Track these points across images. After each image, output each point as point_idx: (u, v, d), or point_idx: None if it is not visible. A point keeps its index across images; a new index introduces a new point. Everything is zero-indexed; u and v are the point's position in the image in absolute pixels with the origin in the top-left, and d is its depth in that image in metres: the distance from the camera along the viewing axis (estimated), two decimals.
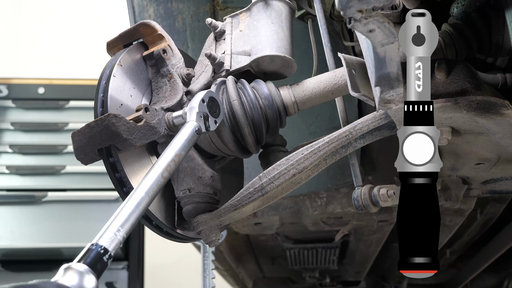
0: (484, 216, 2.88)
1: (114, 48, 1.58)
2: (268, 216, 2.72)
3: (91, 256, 1.06)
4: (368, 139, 1.45)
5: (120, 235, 1.11)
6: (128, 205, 1.18)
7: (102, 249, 1.07)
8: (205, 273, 3.13)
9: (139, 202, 1.19)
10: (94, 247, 1.07)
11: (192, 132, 1.37)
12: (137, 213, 1.18)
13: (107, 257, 1.07)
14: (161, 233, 1.54)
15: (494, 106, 1.26)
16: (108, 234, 1.10)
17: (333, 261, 3.65)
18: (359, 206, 1.51)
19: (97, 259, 1.05)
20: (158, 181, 1.26)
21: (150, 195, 1.22)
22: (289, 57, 1.56)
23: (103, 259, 1.06)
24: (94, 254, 1.06)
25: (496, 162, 1.60)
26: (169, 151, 1.32)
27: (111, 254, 1.08)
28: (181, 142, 1.35)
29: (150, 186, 1.23)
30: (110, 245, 1.08)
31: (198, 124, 1.39)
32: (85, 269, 1.03)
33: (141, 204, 1.19)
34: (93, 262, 1.05)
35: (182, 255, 5.63)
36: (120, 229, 1.12)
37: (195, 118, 1.39)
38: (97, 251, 1.06)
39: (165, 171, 1.28)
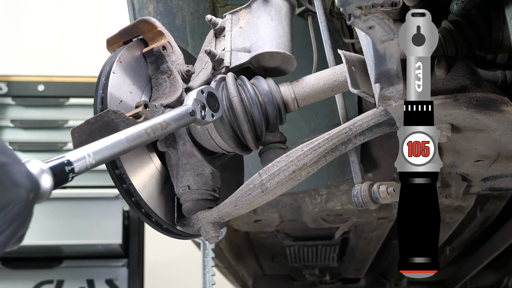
0: (484, 213, 2.88)
1: (114, 45, 1.58)
2: (268, 213, 2.72)
3: (56, 162, 1.03)
4: (368, 136, 1.45)
5: (89, 160, 1.10)
6: (106, 140, 1.16)
7: (67, 161, 1.05)
8: (205, 270, 3.13)
9: (116, 142, 1.18)
10: (60, 157, 1.05)
11: (186, 111, 1.37)
12: (112, 151, 1.16)
13: (69, 170, 1.04)
14: (161, 230, 1.54)
15: (494, 103, 1.26)
16: (80, 152, 1.09)
17: (333, 258, 3.66)
18: (359, 203, 1.51)
19: (59, 166, 1.03)
20: (140, 134, 1.24)
21: (129, 141, 1.21)
22: (289, 53, 1.56)
23: (65, 168, 1.03)
24: (59, 161, 1.03)
25: (495, 159, 1.60)
26: (159, 117, 1.32)
27: (74, 168, 1.05)
28: (173, 113, 1.34)
29: (131, 134, 1.22)
30: (76, 162, 1.07)
31: (193, 107, 1.39)
32: (46, 168, 1.00)
33: (118, 144, 1.18)
34: (55, 167, 1.02)
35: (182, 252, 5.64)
36: (91, 154, 1.11)
37: (191, 102, 1.40)
38: (62, 161, 1.04)
39: (149, 128, 1.26)
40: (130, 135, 1.22)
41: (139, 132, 1.24)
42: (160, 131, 1.30)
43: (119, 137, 1.19)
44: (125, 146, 1.20)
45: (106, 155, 1.15)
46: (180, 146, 1.54)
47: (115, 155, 1.18)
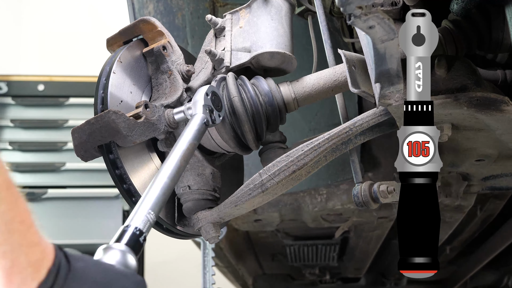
0: (484, 213, 2.88)
1: (114, 45, 1.58)
2: (268, 213, 2.72)
3: (129, 236, 1.05)
4: (368, 136, 1.45)
5: (151, 217, 1.12)
6: (153, 188, 1.18)
7: (138, 230, 1.06)
8: (205, 269, 3.13)
9: (163, 186, 1.19)
10: (128, 229, 1.06)
11: (201, 123, 1.37)
12: (163, 196, 1.18)
13: (143, 239, 1.06)
14: (161, 230, 1.54)
15: (494, 102, 1.26)
16: (140, 215, 1.10)
17: (333, 257, 3.66)
18: (359, 202, 1.51)
19: (134, 239, 1.05)
20: (178, 168, 1.26)
21: (171, 179, 1.23)
22: (289, 53, 1.56)
23: (139, 240, 1.05)
24: (131, 234, 1.05)
25: (496, 158, 1.60)
26: (183, 141, 1.31)
27: (145, 236, 1.07)
28: (193, 132, 1.34)
29: (171, 171, 1.24)
30: (144, 227, 1.08)
31: (205, 116, 1.38)
32: (126, 248, 1.03)
33: (165, 187, 1.20)
34: (131, 242, 1.04)
35: (182, 251, 5.63)
36: (150, 212, 1.12)
37: (201, 110, 1.38)
38: (134, 232, 1.05)
39: (182, 158, 1.27)
40: (171, 173, 1.23)
41: (176, 167, 1.25)
42: (189, 155, 1.31)
43: (163, 179, 1.20)
44: (169, 185, 1.21)
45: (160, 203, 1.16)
46: None
47: (166, 197, 1.19)
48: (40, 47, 6.02)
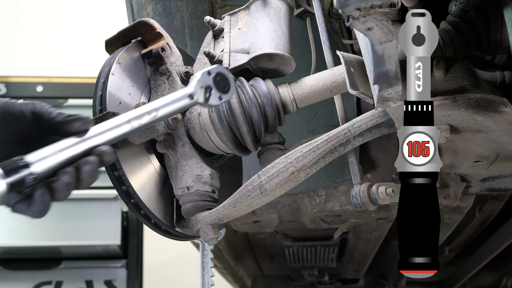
0: (483, 214, 2.88)
1: (112, 46, 1.58)
2: (266, 214, 2.72)
3: (9, 164, 1.01)
4: (367, 137, 1.45)
5: (53, 160, 1.07)
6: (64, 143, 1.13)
7: (24, 163, 1.02)
8: (204, 271, 3.13)
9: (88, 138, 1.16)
10: (18, 159, 1.02)
11: (184, 95, 1.30)
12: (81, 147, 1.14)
13: (27, 174, 1.02)
14: (160, 231, 1.54)
15: (493, 103, 1.26)
16: (41, 153, 1.06)
17: (332, 259, 3.66)
18: (358, 204, 1.51)
19: (13, 168, 1.00)
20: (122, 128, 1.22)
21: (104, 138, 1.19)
22: (288, 55, 1.56)
23: (19, 171, 1.01)
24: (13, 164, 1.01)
25: (494, 159, 1.60)
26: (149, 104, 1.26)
27: (32, 172, 1.03)
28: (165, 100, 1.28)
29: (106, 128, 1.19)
30: (36, 163, 1.04)
31: (193, 91, 1.31)
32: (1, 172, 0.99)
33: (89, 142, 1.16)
34: (8, 170, 1.00)
35: (181, 253, 5.63)
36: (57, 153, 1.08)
37: (193, 85, 1.32)
38: (17, 163, 1.01)
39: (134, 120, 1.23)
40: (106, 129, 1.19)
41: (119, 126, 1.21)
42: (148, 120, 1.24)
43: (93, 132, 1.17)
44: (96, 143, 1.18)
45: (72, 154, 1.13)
46: (179, 147, 1.54)
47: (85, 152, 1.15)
48: (38, 48, 6.01)
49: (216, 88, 1.34)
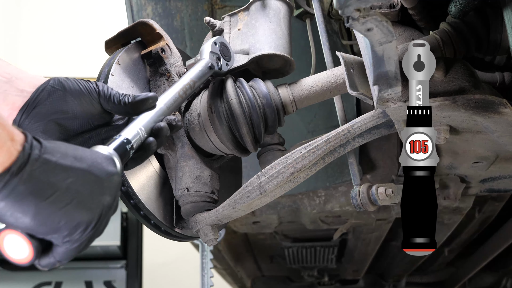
0: (483, 215, 2.88)
1: (112, 47, 1.58)
2: (266, 215, 2.72)
3: (118, 143, 1.11)
4: (367, 138, 1.45)
5: (141, 133, 1.19)
6: (151, 112, 1.25)
7: (126, 139, 1.13)
8: (204, 272, 3.13)
9: (160, 111, 1.26)
10: (118, 137, 1.13)
11: (206, 65, 1.44)
12: (157, 118, 1.26)
13: (130, 147, 1.13)
14: (160, 232, 1.54)
15: (492, 104, 1.26)
16: (133, 129, 1.17)
17: (332, 259, 3.66)
18: (358, 204, 1.51)
19: (122, 146, 1.11)
20: (176, 98, 1.33)
21: (168, 106, 1.30)
22: (288, 55, 1.56)
23: (126, 147, 1.12)
24: (120, 142, 1.12)
25: (494, 160, 1.60)
26: (185, 77, 1.39)
27: (133, 145, 1.14)
28: (195, 71, 1.41)
29: (168, 99, 1.31)
30: (133, 138, 1.15)
31: (210, 61, 1.46)
32: (113, 151, 1.09)
33: (160, 111, 1.27)
34: (119, 148, 1.10)
35: (181, 254, 5.63)
36: (142, 128, 1.19)
37: (207, 56, 1.46)
38: (122, 141, 1.12)
39: (181, 91, 1.35)
40: (168, 101, 1.31)
41: (175, 97, 1.33)
42: (190, 90, 1.38)
43: (160, 105, 1.27)
44: (165, 112, 1.29)
45: (152, 123, 1.24)
46: (179, 148, 1.54)
47: (159, 120, 1.27)
48: (38, 49, 6.02)
49: (223, 57, 1.50)
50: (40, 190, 0.92)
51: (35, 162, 0.92)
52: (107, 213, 1.04)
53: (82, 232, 0.99)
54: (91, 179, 0.99)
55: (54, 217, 0.94)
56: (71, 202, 0.96)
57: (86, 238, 1.01)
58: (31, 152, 0.92)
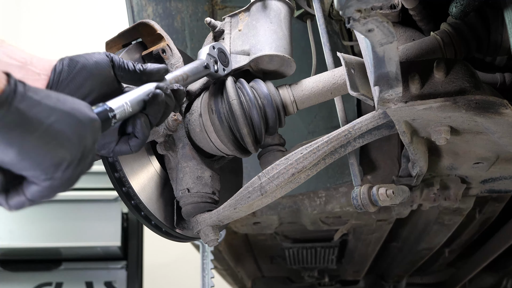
0: (483, 215, 2.88)
1: (113, 48, 1.58)
2: (267, 216, 2.72)
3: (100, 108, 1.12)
4: (367, 139, 1.45)
5: (127, 108, 1.18)
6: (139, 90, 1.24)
7: (109, 108, 1.13)
8: (204, 272, 3.13)
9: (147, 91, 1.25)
10: (102, 104, 1.14)
11: (201, 64, 1.45)
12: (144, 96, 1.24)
13: (112, 115, 1.13)
14: (160, 233, 1.54)
15: (493, 105, 1.26)
16: (117, 101, 1.17)
17: (332, 260, 3.66)
18: (358, 205, 1.51)
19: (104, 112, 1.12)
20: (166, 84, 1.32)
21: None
22: (288, 56, 1.56)
23: (108, 115, 1.12)
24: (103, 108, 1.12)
25: (494, 161, 1.60)
26: (179, 70, 1.40)
27: (115, 115, 1.14)
28: (190, 66, 1.43)
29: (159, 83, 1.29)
30: (117, 109, 1.15)
31: (206, 61, 1.47)
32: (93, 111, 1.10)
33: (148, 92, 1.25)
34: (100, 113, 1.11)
35: (181, 254, 5.63)
36: (128, 103, 1.19)
37: (205, 57, 1.48)
38: (105, 108, 1.13)
39: (173, 79, 1.35)
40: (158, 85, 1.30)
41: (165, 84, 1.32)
42: (182, 82, 1.38)
43: (149, 87, 1.26)
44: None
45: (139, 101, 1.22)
46: (180, 149, 1.54)
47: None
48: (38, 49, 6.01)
49: (220, 62, 1.52)
50: (26, 123, 0.95)
51: (20, 97, 0.95)
52: (87, 156, 1.05)
53: (63, 170, 1.00)
54: (73, 120, 1.02)
55: (39, 151, 0.96)
56: (56, 139, 0.98)
57: (65, 178, 1.01)
58: (16, 88, 0.95)
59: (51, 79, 1.19)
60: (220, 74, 1.51)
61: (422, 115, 1.31)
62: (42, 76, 1.20)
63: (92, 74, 1.22)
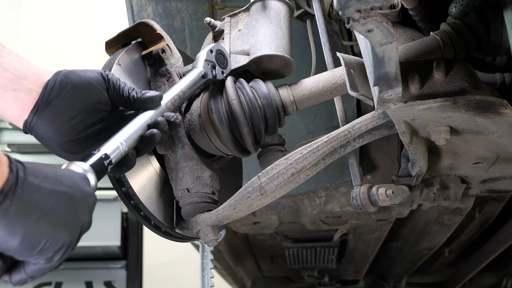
0: (483, 215, 2.88)
1: (112, 48, 1.58)
2: (266, 215, 2.72)
3: (95, 159, 1.11)
4: (367, 139, 1.45)
5: (122, 148, 1.18)
6: (132, 124, 1.24)
7: (104, 155, 1.13)
8: (204, 272, 3.13)
9: (142, 125, 1.25)
10: (97, 152, 1.13)
11: (198, 75, 1.45)
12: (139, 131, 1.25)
13: (108, 162, 1.13)
14: (160, 233, 1.54)
15: (493, 105, 1.26)
16: (113, 144, 1.17)
17: (332, 260, 3.66)
18: (358, 205, 1.51)
19: (99, 162, 1.11)
20: (163, 110, 1.33)
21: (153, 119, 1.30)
22: (288, 56, 1.56)
23: (104, 163, 1.12)
24: (98, 158, 1.12)
25: (494, 161, 1.60)
26: (175, 88, 1.39)
27: (111, 160, 1.14)
28: (187, 81, 1.42)
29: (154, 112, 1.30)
30: (112, 153, 1.15)
31: (204, 70, 1.47)
32: (89, 167, 1.09)
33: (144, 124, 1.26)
34: (95, 164, 1.11)
35: (181, 254, 5.64)
36: (123, 143, 1.19)
37: (202, 65, 1.47)
38: (100, 156, 1.12)
39: (169, 102, 1.35)
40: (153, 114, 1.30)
41: (162, 109, 1.32)
42: (179, 101, 1.38)
43: (144, 118, 1.26)
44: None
45: (135, 138, 1.23)
46: (179, 149, 1.54)
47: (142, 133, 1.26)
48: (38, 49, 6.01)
49: (218, 65, 1.51)
50: (29, 211, 0.94)
51: (21, 183, 0.94)
52: (84, 233, 1.06)
53: (63, 253, 1.01)
54: (72, 201, 1.01)
55: (41, 239, 0.96)
56: (56, 224, 0.98)
57: (64, 258, 1.02)
58: (18, 174, 0.94)
59: (40, 96, 1.19)
60: (219, 79, 1.52)
61: (421, 115, 1.31)
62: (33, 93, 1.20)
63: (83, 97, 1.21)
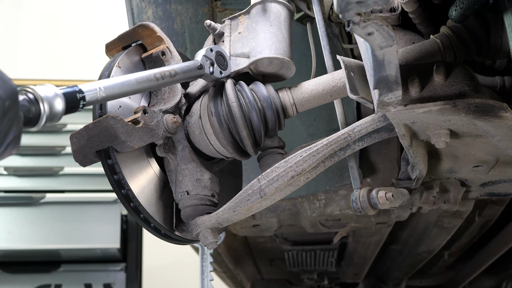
0: (482, 218, 2.88)
1: (112, 50, 1.58)
2: (266, 218, 2.72)
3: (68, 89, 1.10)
4: (367, 142, 1.45)
5: (99, 93, 1.17)
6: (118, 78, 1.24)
7: (79, 89, 1.12)
8: (203, 275, 3.13)
9: (126, 81, 1.25)
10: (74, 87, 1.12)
11: (194, 64, 1.46)
12: (122, 89, 1.24)
13: (81, 97, 1.12)
14: (160, 235, 1.54)
15: (493, 108, 1.26)
16: (91, 85, 1.16)
17: (331, 263, 3.66)
18: (358, 208, 1.51)
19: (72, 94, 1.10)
20: (150, 77, 1.31)
21: (138, 83, 1.29)
22: (288, 59, 1.56)
23: (77, 96, 1.11)
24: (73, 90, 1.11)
25: (494, 164, 1.60)
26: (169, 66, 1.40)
27: (85, 97, 1.12)
28: (181, 64, 1.42)
29: (141, 76, 1.29)
30: (88, 92, 1.14)
31: (201, 62, 1.47)
32: (60, 93, 1.08)
33: (128, 84, 1.25)
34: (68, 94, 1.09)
35: (180, 256, 5.63)
36: (102, 88, 1.18)
37: (200, 58, 1.48)
38: (75, 90, 1.11)
39: (158, 74, 1.34)
40: (140, 77, 1.29)
41: (149, 76, 1.31)
42: (169, 78, 1.37)
43: (129, 77, 1.26)
44: (134, 87, 1.28)
45: (116, 91, 1.22)
46: (179, 151, 1.54)
47: (124, 93, 1.25)
48: (38, 51, 6.02)
49: (217, 64, 1.51)
50: None
51: None
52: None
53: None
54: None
55: None
56: None
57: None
58: None
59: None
60: (216, 76, 1.51)
61: (421, 118, 1.31)
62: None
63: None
